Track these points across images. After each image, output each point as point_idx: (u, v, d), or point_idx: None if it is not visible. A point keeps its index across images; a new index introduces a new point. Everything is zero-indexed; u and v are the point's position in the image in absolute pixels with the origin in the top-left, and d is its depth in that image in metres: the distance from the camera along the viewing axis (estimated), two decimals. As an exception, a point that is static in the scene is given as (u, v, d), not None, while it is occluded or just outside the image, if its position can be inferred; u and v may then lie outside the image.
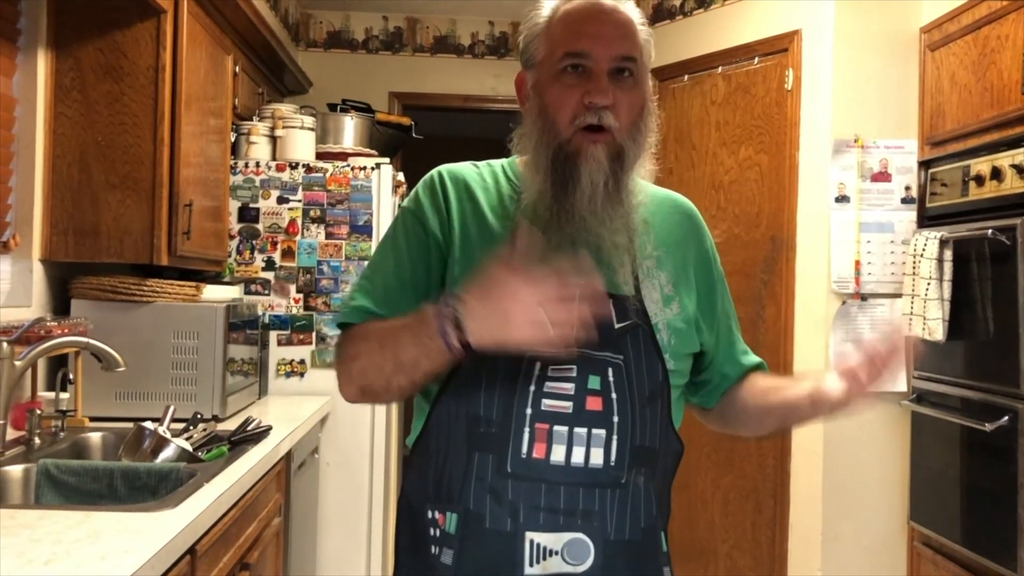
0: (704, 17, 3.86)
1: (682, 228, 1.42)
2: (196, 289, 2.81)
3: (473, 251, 1.31)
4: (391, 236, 1.38)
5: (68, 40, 2.59)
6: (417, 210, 1.36)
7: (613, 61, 1.27)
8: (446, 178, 1.38)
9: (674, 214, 1.43)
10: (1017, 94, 2.68)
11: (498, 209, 1.35)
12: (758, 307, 3.50)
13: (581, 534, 1.22)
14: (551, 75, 1.29)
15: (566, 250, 1.26)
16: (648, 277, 1.32)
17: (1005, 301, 2.67)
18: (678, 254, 1.38)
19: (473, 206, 1.35)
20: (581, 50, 1.27)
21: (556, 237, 1.26)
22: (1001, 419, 2.64)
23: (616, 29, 1.29)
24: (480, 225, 1.33)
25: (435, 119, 5.02)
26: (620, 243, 1.28)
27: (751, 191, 3.62)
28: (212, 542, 1.79)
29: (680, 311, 1.33)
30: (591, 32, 1.28)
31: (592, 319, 1.10)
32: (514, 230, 1.27)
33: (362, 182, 3.48)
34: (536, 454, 1.22)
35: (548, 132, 1.28)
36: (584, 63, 1.27)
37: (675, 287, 1.35)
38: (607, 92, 1.25)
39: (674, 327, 1.32)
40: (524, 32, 1.36)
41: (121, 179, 2.60)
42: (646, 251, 1.34)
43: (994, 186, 2.77)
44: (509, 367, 1.24)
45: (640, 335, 1.28)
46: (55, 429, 2.33)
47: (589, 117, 1.25)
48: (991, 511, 2.70)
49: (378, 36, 4.85)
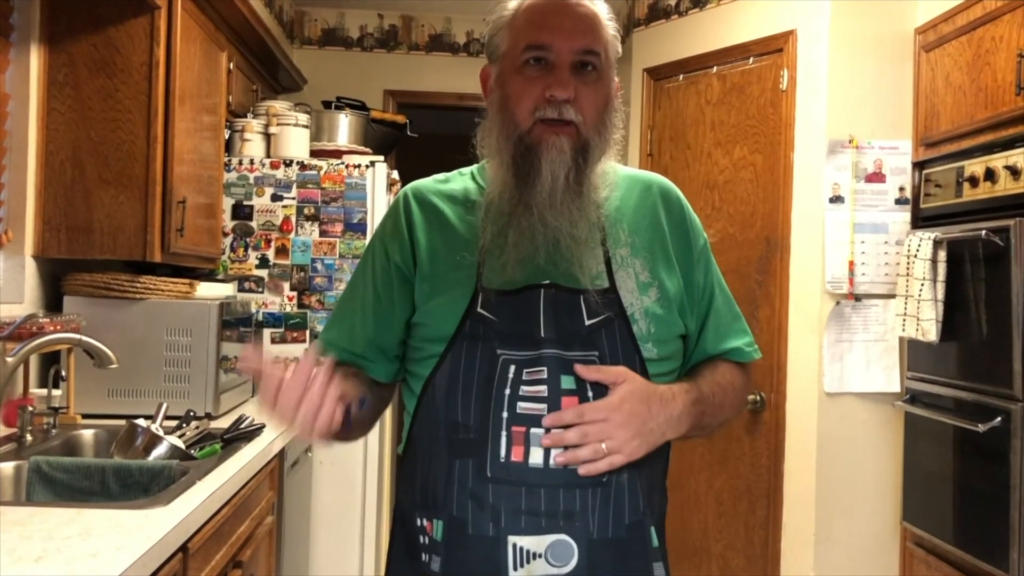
0: (699, 17, 3.86)
1: (656, 209, 1.39)
2: (189, 286, 2.80)
3: (441, 264, 1.33)
4: (362, 265, 1.43)
5: (61, 36, 2.57)
6: (382, 236, 1.41)
7: (575, 54, 1.27)
8: (410, 198, 1.40)
9: (647, 196, 1.40)
10: (1011, 95, 2.69)
11: (465, 216, 1.36)
12: (752, 307, 3.51)
13: (564, 535, 1.21)
14: (513, 68, 1.29)
15: (525, 245, 1.26)
16: (622, 267, 1.31)
17: (998, 302, 2.67)
18: (653, 235, 1.36)
19: (439, 220, 1.37)
20: (542, 42, 1.27)
21: (515, 232, 1.26)
22: (994, 420, 2.64)
23: (579, 22, 1.29)
24: (446, 237, 1.35)
25: (430, 117, 5.00)
26: (579, 237, 1.27)
27: (746, 191, 3.62)
28: (204, 540, 1.78)
29: (659, 296, 1.31)
30: (553, 24, 1.28)
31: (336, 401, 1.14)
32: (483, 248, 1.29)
33: (356, 180, 3.47)
34: (515, 457, 1.21)
35: (509, 124, 1.28)
36: (546, 56, 1.27)
37: (652, 271, 1.33)
38: (568, 85, 1.25)
39: (652, 314, 1.29)
40: (489, 25, 1.36)
41: (114, 175, 2.59)
42: (619, 240, 1.33)
43: (988, 187, 2.77)
44: (485, 372, 1.24)
45: (615, 328, 1.27)
46: (47, 426, 2.32)
47: (550, 111, 1.25)
48: (984, 512, 2.71)
49: (373, 34, 4.85)
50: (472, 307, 1.27)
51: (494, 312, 1.26)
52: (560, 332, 1.25)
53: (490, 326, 1.26)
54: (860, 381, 3.28)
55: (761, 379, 3.46)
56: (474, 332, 1.26)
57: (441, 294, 1.30)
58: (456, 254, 1.32)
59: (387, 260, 1.37)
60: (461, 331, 1.26)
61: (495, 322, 1.26)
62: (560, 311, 1.26)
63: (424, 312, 1.32)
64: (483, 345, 1.25)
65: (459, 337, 1.26)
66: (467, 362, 1.25)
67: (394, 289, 1.36)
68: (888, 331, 3.27)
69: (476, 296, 1.28)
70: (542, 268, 1.27)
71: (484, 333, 1.26)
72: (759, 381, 3.46)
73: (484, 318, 1.26)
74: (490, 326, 1.26)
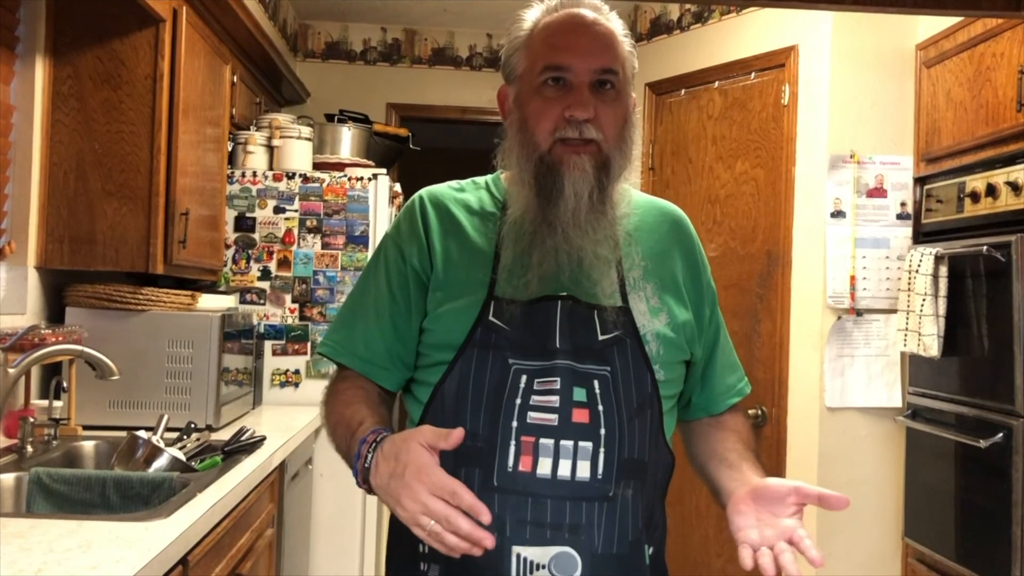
0: (701, 32, 3.87)
1: (669, 238, 1.41)
2: (191, 298, 2.80)
3: (455, 272, 1.32)
4: (373, 265, 1.40)
5: (66, 48, 2.59)
6: (397, 238, 1.39)
7: (594, 74, 1.27)
8: (427, 202, 1.39)
9: (662, 223, 1.42)
10: (1012, 112, 2.69)
11: (481, 227, 1.35)
12: (753, 321, 3.51)
13: (568, 548, 1.20)
14: (532, 88, 1.29)
15: (549, 264, 1.26)
16: (635, 288, 1.32)
17: (1000, 318, 2.67)
18: (665, 264, 1.37)
19: (455, 227, 1.36)
20: (561, 63, 1.27)
21: (539, 252, 1.26)
22: (996, 436, 2.64)
23: (596, 41, 1.29)
24: (461, 246, 1.34)
25: (432, 130, 5.02)
26: (603, 255, 1.27)
27: (747, 205, 3.63)
28: (204, 552, 1.78)
29: (669, 321, 1.32)
30: (571, 45, 1.28)
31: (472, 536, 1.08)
32: (496, 254, 1.29)
33: (359, 192, 3.48)
34: (522, 467, 1.21)
35: (529, 145, 1.28)
36: (565, 76, 1.27)
37: (661, 298, 1.33)
38: (588, 105, 1.25)
39: (663, 336, 1.30)
40: (506, 45, 1.36)
41: (117, 187, 2.60)
42: (633, 262, 1.34)
43: (989, 203, 2.78)
44: (495, 381, 1.24)
45: (627, 347, 1.27)
46: (48, 437, 2.32)
47: (570, 131, 1.26)
48: (986, 528, 2.70)
49: (376, 47, 4.86)
50: (484, 315, 1.27)
51: (507, 321, 1.26)
52: (574, 344, 1.25)
53: (502, 335, 1.25)
54: (861, 396, 3.28)
55: (762, 394, 3.45)
56: (485, 340, 1.26)
57: (453, 301, 1.30)
58: (469, 263, 1.32)
59: (403, 263, 1.35)
60: (472, 339, 1.26)
61: (507, 331, 1.25)
62: (575, 324, 1.26)
63: (434, 318, 1.31)
64: (494, 354, 1.25)
65: (470, 345, 1.26)
66: (477, 370, 1.25)
67: (411, 292, 1.34)
68: (889, 346, 3.27)
69: (488, 304, 1.27)
70: (565, 283, 1.27)
71: (496, 342, 1.25)
72: (760, 396, 3.45)
73: (496, 327, 1.26)
74: (502, 335, 1.25)
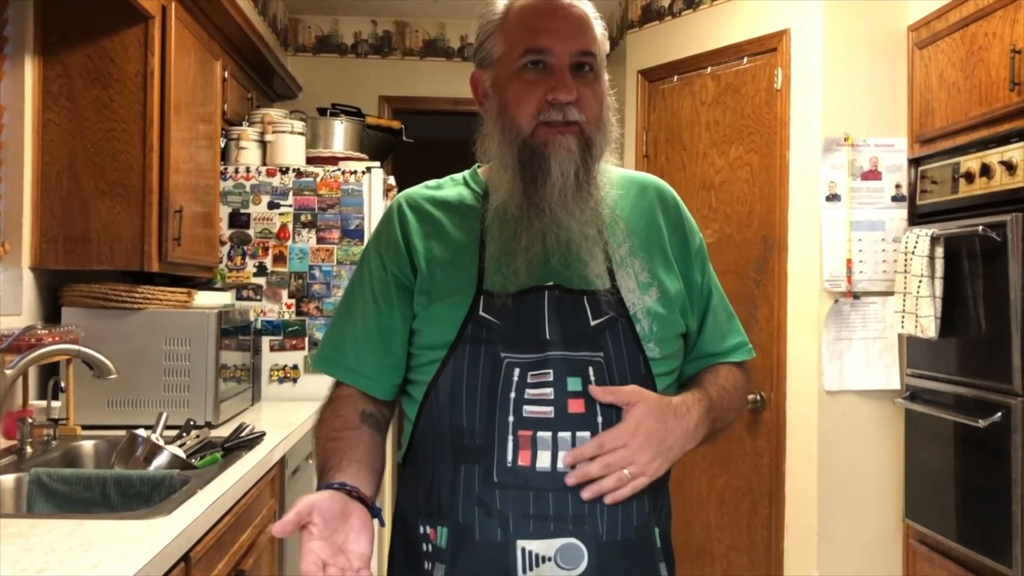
0: (693, 18, 3.86)
1: (652, 208, 1.40)
2: (187, 295, 2.79)
3: (441, 271, 1.32)
4: (358, 276, 1.41)
5: (56, 46, 2.57)
6: (378, 246, 1.39)
7: (574, 56, 1.28)
8: (404, 206, 1.40)
9: (642, 196, 1.41)
10: (1005, 91, 2.69)
11: (462, 223, 1.35)
12: (751, 307, 3.51)
13: (573, 539, 1.20)
14: (511, 72, 1.29)
15: (536, 247, 1.26)
16: (622, 266, 1.31)
17: (997, 297, 2.67)
18: (651, 236, 1.37)
19: (435, 227, 1.36)
20: (541, 46, 1.27)
21: (526, 236, 1.26)
22: (994, 415, 2.65)
23: (574, 24, 1.29)
24: (444, 244, 1.34)
25: (425, 122, 5.01)
26: (590, 235, 1.27)
27: (742, 191, 3.63)
28: (206, 549, 1.78)
29: (660, 295, 1.31)
30: (550, 28, 1.28)
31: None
32: (481, 243, 1.29)
33: (353, 186, 3.47)
34: (522, 462, 1.21)
35: (511, 129, 1.28)
36: (545, 59, 1.27)
37: (651, 272, 1.33)
38: (571, 88, 1.26)
39: (654, 313, 1.29)
40: (478, 30, 1.36)
41: (110, 186, 2.59)
42: (618, 240, 1.33)
43: (984, 183, 2.78)
44: (489, 376, 1.24)
45: (619, 328, 1.26)
46: (47, 438, 2.32)
47: (553, 114, 1.26)
48: (986, 508, 2.71)
49: (367, 40, 4.85)
50: (473, 311, 1.26)
51: (496, 315, 1.25)
52: (565, 333, 1.25)
53: (493, 329, 1.25)
54: (860, 379, 3.29)
55: (761, 378, 3.46)
56: (476, 336, 1.25)
57: (440, 300, 1.30)
58: (454, 260, 1.32)
59: (384, 271, 1.36)
60: (463, 335, 1.26)
61: (498, 325, 1.25)
62: (565, 312, 1.26)
63: (424, 319, 1.31)
64: (486, 349, 1.25)
65: (461, 341, 1.26)
66: (470, 366, 1.25)
67: (394, 300, 1.34)
68: (887, 328, 3.27)
69: (477, 300, 1.27)
70: (553, 269, 1.27)
71: (487, 336, 1.25)
72: (759, 381, 3.46)
73: (486, 321, 1.26)
74: (493, 329, 1.25)
